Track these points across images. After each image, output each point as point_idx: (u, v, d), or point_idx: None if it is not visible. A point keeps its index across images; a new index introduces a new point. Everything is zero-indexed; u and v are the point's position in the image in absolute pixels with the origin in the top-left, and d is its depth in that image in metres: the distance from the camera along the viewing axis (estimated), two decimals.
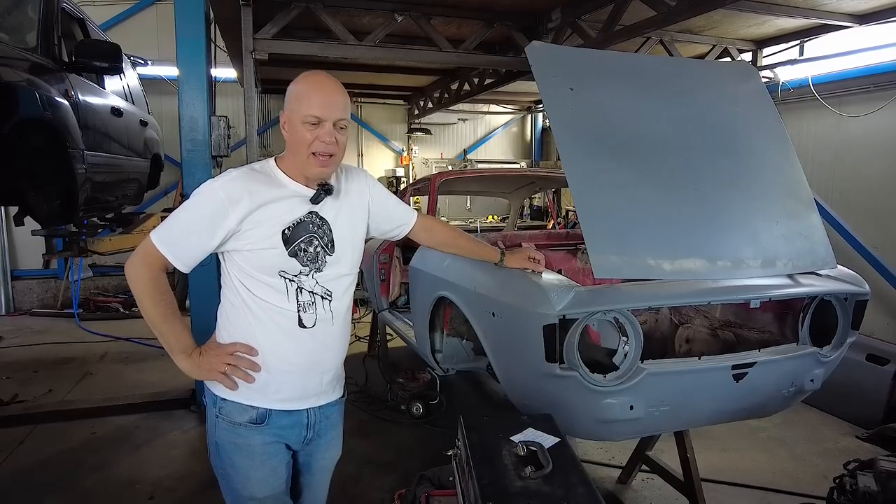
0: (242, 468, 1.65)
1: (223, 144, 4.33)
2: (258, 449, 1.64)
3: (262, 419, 1.63)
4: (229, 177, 1.58)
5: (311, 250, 1.62)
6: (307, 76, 1.61)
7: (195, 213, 1.56)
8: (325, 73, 1.64)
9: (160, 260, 1.56)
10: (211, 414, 1.67)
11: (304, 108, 1.55)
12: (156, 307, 1.57)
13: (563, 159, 2.36)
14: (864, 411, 4.18)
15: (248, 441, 1.63)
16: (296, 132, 1.57)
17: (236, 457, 1.64)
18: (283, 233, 1.58)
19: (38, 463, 3.60)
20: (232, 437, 1.63)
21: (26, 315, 7.76)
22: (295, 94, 1.58)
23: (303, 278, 1.62)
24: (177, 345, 1.60)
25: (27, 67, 2.83)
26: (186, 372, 1.63)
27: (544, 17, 5.37)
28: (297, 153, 1.60)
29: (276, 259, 1.58)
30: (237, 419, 1.62)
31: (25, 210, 2.96)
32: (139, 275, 1.56)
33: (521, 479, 1.65)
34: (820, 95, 5.70)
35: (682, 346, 3.07)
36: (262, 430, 1.63)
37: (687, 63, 4.02)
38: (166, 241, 1.56)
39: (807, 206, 2.68)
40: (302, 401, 1.69)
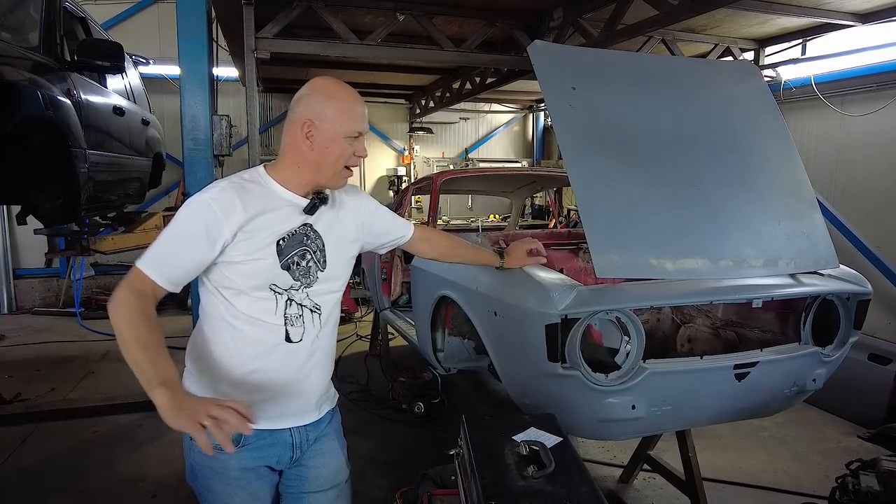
0: (220, 493, 1.55)
1: (225, 143, 4.34)
2: (234, 473, 1.54)
3: (237, 441, 1.47)
4: (218, 188, 1.49)
5: (304, 264, 1.55)
6: (337, 87, 1.55)
7: (186, 229, 1.45)
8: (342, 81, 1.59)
9: (147, 284, 1.43)
10: (186, 437, 1.52)
11: (351, 124, 1.52)
12: (134, 331, 1.37)
13: (564, 158, 2.35)
14: (867, 411, 4.18)
15: (223, 465, 1.52)
16: (334, 146, 1.51)
17: (213, 481, 1.55)
18: (277, 244, 1.50)
19: (41, 462, 3.61)
20: (207, 460, 1.51)
21: (28, 314, 7.78)
22: (337, 109, 1.51)
23: (293, 293, 1.54)
24: (155, 376, 1.33)
25: (29, 66, 2.83)
26: (163, 411, 1.29)
27: (546, 16, 5.36)
28: (322, 167, 1.53)
29: (268, 271, 1.49)
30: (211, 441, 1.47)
31: (28, 209, 2.97)
32: (120, 299, 1.40)
33: (524, 479, 1.65)
34: (822, 95, 5.69)
35: (683, 345, 3.07)
36: (238, 453, 1.49)
37: (689, 62, 4.02)
38: (151, 263, 1.44)
39: (809, 206, 2.67)
40: (284, 419, 1.58)
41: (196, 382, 1.56)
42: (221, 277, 1.51)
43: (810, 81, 5.76)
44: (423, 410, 4.18)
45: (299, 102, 1.54)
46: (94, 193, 3.47)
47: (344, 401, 1.83)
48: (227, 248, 1.47)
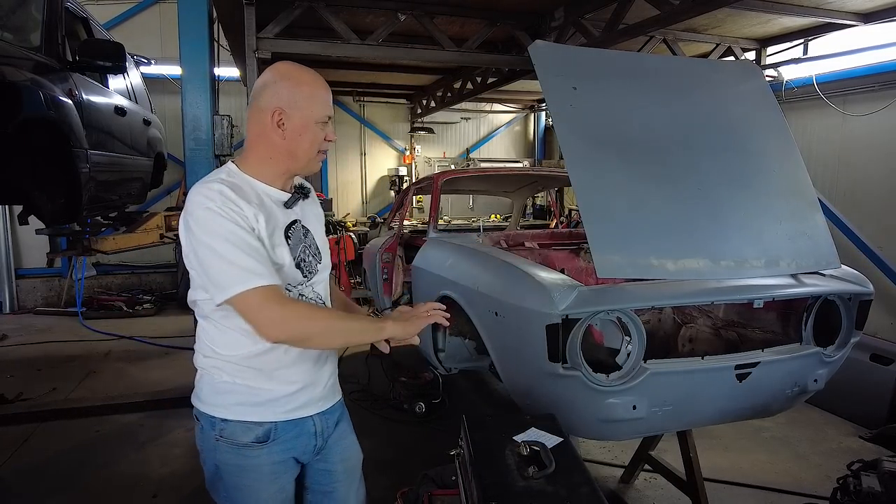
0: (250, 490, 1.54)
1: (226, 143, 4.35)
2: (266, 468, 1.53)
3: (268, 436, 1.51)
4: (217, 192, 1.40)
5: (308, 259, 1.57)
6: (303, 72, 1.52)
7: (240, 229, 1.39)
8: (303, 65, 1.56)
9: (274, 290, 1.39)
10: (208, 437, 1.52)
11: (321, 109, 1.51)
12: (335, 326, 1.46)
13: (566, 158, 2.36)
14: (868, 411, 4.17)
15: (255, 462, 1.52)
16: (308, 133, 1.49)
17: (243, 479, 1.53)
18: (286, 243, 1.50)
19: (43, 461, 3.61)
20: (236, 459, 1.51)
21: (30, 313, 7.79)
22: (306, 95, 1.48)
23: (302, 288, 1.56)
24: (370, 327, 1.52)
25: (31, 67, 2.84)
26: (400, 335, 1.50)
27: (547, 16, 5.36)
28: (296, 155, 1.51)
29: (286, 272, 1.50)
30: (241, 439, 1.50)
31: (30, 209, 2.98)
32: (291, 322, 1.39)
33: (524, 479, 1.65)
34: (824, 94, 5.68)
35: (685, 345, 3.07)
36: (269, 448, 1.52)
37: (690, 62, 4.02)
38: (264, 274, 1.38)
39: (810, 206, 2.67)
40: (307, 408, 1.59)
41: (220, 386, 1.53)
42: None
43: (812, 81, 5.75)
44: (423, 410, 4.19)
45: (265, 90, 1.49)
46: (95, 193, 3.47)
47: (345, 401, 1.83)
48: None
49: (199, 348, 1.58)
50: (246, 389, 1.50)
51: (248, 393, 1.50)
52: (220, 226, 1.37)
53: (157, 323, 7.25)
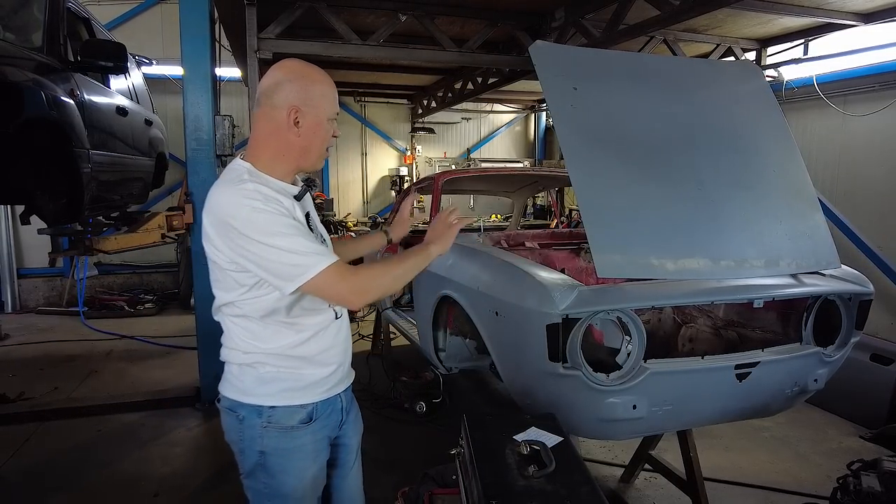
0: (297, 470, 1.62)
1: (227, 143, 4.35)
2: (310, 447, 1.63)
3: (311, 416, 1.62)
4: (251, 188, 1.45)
5: (327, 245, 1.68)
6: (314, 70, 1.56)
7: (288, 220, 1.45)
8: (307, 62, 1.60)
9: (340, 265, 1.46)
10: (254, 425, 1.57)
11: (332, 106, 1.57)
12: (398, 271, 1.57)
13: (566, 158, 2.36)
14: (868, 411, 4.17)
15: (301, 442, 1.61)
16: (320, 130, 1.55)
17: (290, 461, 1.61)
18: (311, 233, 1.57)
19: (44, 460, 3.62)
20: (284, 442, 1.59)
21: (32, 313, 7.81)
22: (320, 93, 1.53)
23: None
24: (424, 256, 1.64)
25: (33, 67, 2.84)
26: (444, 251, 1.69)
27: (548, 17, 5.37)
28: (309, 151, 1.56)
29: None
30: (288, 423, 1.58)
31: (32, 209, 2.99)
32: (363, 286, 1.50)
33: (525, 479, 1.66)
34: (824, 94, 5.68)
35: (685, 345, 3.07)
36: (311, 428, 1.62)
37: (691, 62, 4.02)
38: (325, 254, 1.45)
39: (811, 206, 2.68)
40: (338, 386, 1.70)
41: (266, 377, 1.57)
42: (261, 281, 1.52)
43: (812, 81, 5.75)
44: (424, 410, 4.19)
45: (279, 89, 1.51)
46: (97, 193, 3.48)
47: None
48: None
49: (236, 345, 1.60)
50: (290, 376, 1.58)
51: (293, 379, 1.58)
52: (273, 221, 1.42)
53: (159, 322, 7.27)
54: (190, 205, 4.22)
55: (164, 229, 4.39)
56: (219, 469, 3.53)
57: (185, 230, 4.36)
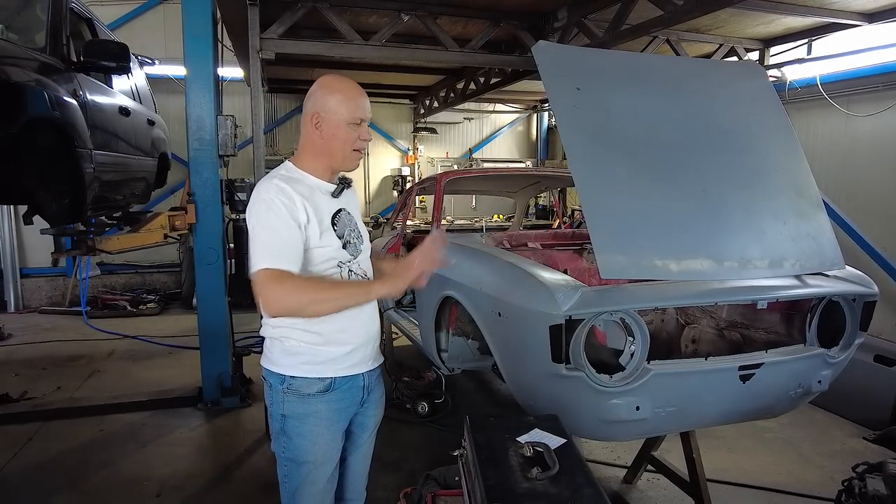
0: (310, 434, 1.79)
1: (230, 143, 4.35)
2: (325, 414, 1.79)
3: (329, 387, 1.78)
4: (273, 185, 1.69)
5: (353, 241, 1.84)
6: (339, 82, 1.78)
7: (276, 221, 1.64)
8: (345, 77, 1.82)
9: (283, 273, 1.62)
10: (276, 392, 1.78)
11: (353, 112, 1.75)
12: (324, 291, 1.67)
13: (569, 159, 2.36)
14: (872, 413, 4.15)
15: (317, 408, 1.78)
16: (340, 133, 1.75)
17: (305, 425, 1.78)
18: (333, 226, 1.77)
19: (47, 460, 3.63)
20: (302, 407, 1.77)
21: (35, 313, 7.83)
22: (338, 100, 1.74)
23: (350, 265, 1.83)
24: (361, 289, 1.74)
25: (36, 67, 2.84)
26: (393, 293, 1.73)
27: (550, 17, 5.36)
28: (333, 152, 1.78)
29: (335, 252, 1.77)
30: (306, 391, 1.77)
31: (34, 209, 2.98)
32: (284, 299, 1.62)
33: (528, 480, 1.65)
34: (828, 95, 5.66)
35: (688, 346, 3.07)
36: (328, 397, 1.79)
37: (694, 63, 4.01)
38: (277, 256, 1.62)
39: (814, 206, 2.66)
40: (360, 366, 1.86)
41: (289, 349, 1.77)
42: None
43: (816, 81, 5.74)
44: (427, 410, 4.19)
45: (308, 99, 1.78)
46: (99, 193, 3.48)
47: None
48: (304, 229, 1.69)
49: (268, 320, 1.80)
50: (310, 350, 1.76)
51: (312, 353, 1.77)
52: (265, 213, 1.66)
53: (161, 322, 7.28)
54: (192, 205, 4.22)
55: (166, 229, 4.39)
56: (221, 469, 3.53)
57: (188, 230, 4.36)
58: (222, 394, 4.37)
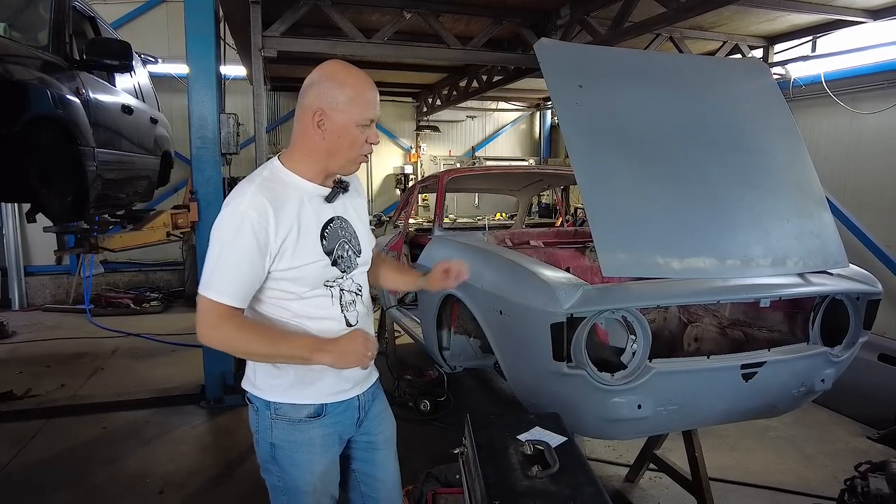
0: (305, 463, 1.62)
1: (232, 142, 4.35)
2: (318, 441, 1.63)
3: (319, 412, 1.61)
4: (249, 194, 1.46)
5: (346, 255, 1.61)
6: (348, 72, 1.52)
7: (241, 247, 1.44)
8: (351, 65, 1.55)
9: (223, 308, 1.46)
10: (264, 418, 1.61)
11: (363, 112, 1.50)
12: (260, 343, 1.49)
13: (571, 157, 2.35)
14: (876, 411, 4.14)
15: (308, 435, 1.61)
16: (347, 134, 1.51)
17: (298, 454, 1.61)
18: (321, 244, 1.54)
19: (51, 457, 3.64)
20: (292, 434, 1.60)
21: (39, 310, 7.85)
22: (348, 97, 1.48)
23: (341, 282, 1.61)
24: (305, 349, 1.49)
25: (39, 66, 2.85)
26: (336, 365, 1.51)
27: (553, 14, 5.34)
28: (335, 155, 1.53)
29: (321, 271, 1.55)
30: (296, 416, 1.60)
31: (37, 207, 2.99)
32: (221, 336, 1.47)
33: (528, 479, 1.65)
34: (832, 92, 5.63)
35: (690, 344, 3.06)
36: (321, 423, 1.62)
37: (697, 60, 3.99)
38: (226, 290, 1.45)
39: (818, 205, 2.65)
40: (353, 389, 1.68)
41: (273, 371, 1.59)
42: (276, 288, 1.54)
43: (820, 79, 5.71)
44: (429, 408, 4.19)
45: (310, 89, 1.51)
46: (102, 191, 3.49)
47: None
48: (276, 258, 1.49)
49: None
50: (296, 374, 1.58)
51: (299, 377, 1.58)
52: (229, 234, 1.45)
53: (164, 320, 7.29)
54: (195, 203, 4.23)
55: (169, 227, 4.40)
56: (223, 466, 3.54)
57: (190, 228, 4.37)
58: (225, 392, 4.38)
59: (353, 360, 1.48)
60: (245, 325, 1.50)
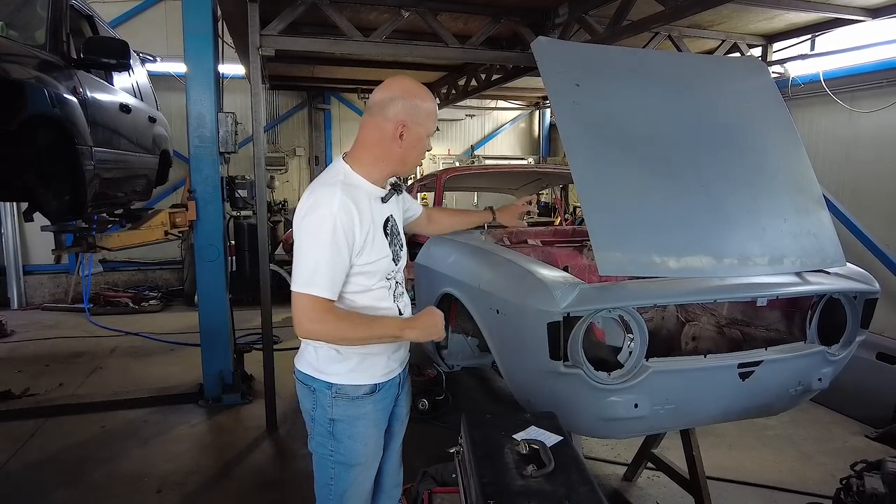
0: (362, 435, 1.83)
1: (231, 141, 4.35)
2: (373, 416, 1.84)
3: (374, 389, 1.83)
4: (338, 198, 1.63)
5: (398, 250, 1.84)
6: (425, 91, 1.76)
7: (332, 244, 1.61)
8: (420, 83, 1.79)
9: (328, 303, 1.64)
10: (324, 397, 1.79)
11: (433, 125, 1.77)
12: (357, 331, 1.68)
13: (568, 156, 2.34)
14: (874, 410, 4.14)
15: (366, 409, 1.81)
16: (420, 144, 1.76)
17: (355, 427, 1.81)
18: (385, 239, 1.76)
19: (49, 456, 3.65)
20: (352, 410, 1.80)
21: (38, 310, 7.86)
22: (428, 113, 1.74)
23: (395, 274, 1.86)
24: (395, 328, 1.75)
25: (36, 64, 2.84)
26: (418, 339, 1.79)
27: (551, 13, 5.33)
28: (406, 162, 1.77)
29: (387, 265, 1.78)
30: (354, 394, 1.79)
31: (35, 206, 2.99)
32: (323, 329, 1.65)
33: (523, 478, 1.65)
34: (831, 91, 5.62)
35: (687, 343, 3.06)
36: (374, 398, 1.83)
37: (695, 59, 3.99)
38: (327, 287, 1.62)
39: (816, 203, 2.65)
40: (396, 370, 1.93)
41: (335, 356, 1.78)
42: (350, 286, 1.73)
43: (819, 77, 5.70)
44: (426, 407, 4.19)
45: (393, 104, 1.71)
46: (100, 190, 3.48)
47: None
48: (358, 254, 1.68)
49: None
50: (354, 359, 1.78)
51: (356, 361, 1.79)
52: (322, 232, 1.61)
53: (163, 319, 7.30)
54: (193, 202, 4.22)
55: (167, 226, 4.40)
56: (222, 465, 3.54)
57: (189, 227, 4.37)
58: (223, 390, 4.39)
59: (434, 332, 1.75)
60: (343, 315, 1.69)
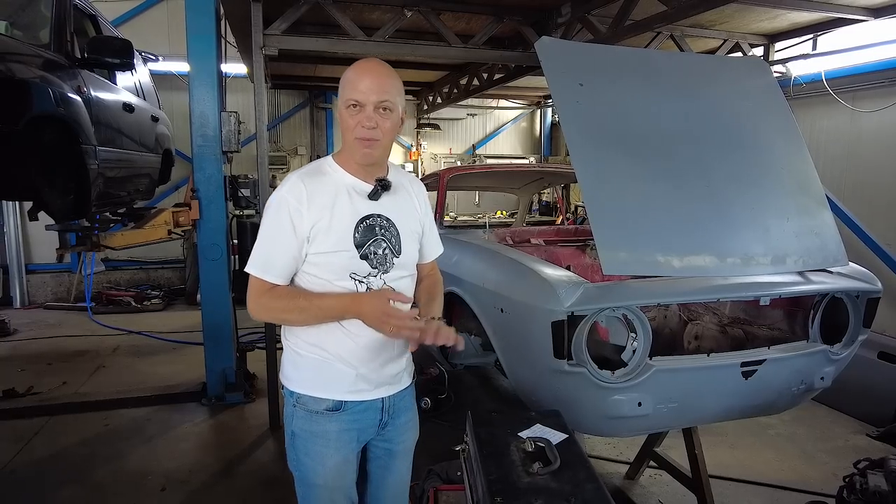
0: (318, 456, 1.66)
1: (233, 140, 4.36)
2: (333, 436, 1.66)
3: (339, 406, 1.65)
4: (291, 182, 1.59)
5: (381, 252, 1.63)
6: (354, 65, 1.63)
7: (275, 225, 1.57)
8: (377, 59, 1.65)
9: (264, 284, 1.59)
10: (288, 405, 1.70)
11: (346, 93, 1.57)
12: (300, 312, 1.58)
13: (572, 155, 2.35)
14: (876, 409, 4.15)
15: (324, 428, 1.65)
16: (342, 118, 1.59)
17: (312, 445, 1.66)
18: (353, 235, 1.59)
19: (53, 454, 3.66)
20: (309, 425, 1.66)
21: (41, 308, 7.87)
22: (342, 83, 1.60)
23: (371, 279, 1.62)
24: (344, 298, 1.57)
25: (40, 64, 2.85)
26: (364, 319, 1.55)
27: (554, 12, 5.33)
28: (345, 141, 1.62)
29: (347, 262, 1.59)
30: (314, 408, 1.65)
31: (39, 205, 3.00)
32: (261, 307, 1.60)
33: (529, 475, 1.66)
34: (833, 90, 5.62)
35: (690, 342, 3.07)
36: (338, 417, 1.65)
37: (698, 58, 3.99)
38: (260, 265, 1.58)
39: (818, 203, 2.66)
40: (376, 391, 1.69)
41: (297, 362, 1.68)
42: (308, 276, 1.62)
43: (821, 77, 5.70)
44: (430, 406, 4.19)
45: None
46: (104, 189, 3.49)
47: None
48: (309, 241, 1.57)
49: (285, 328, 1.72)
50: (315, 366, 1.65)
51: (317, 369, 1.65)
52: (270, 215, 1.58)
53: (166, 318, 7.31)
54: (196, 201, 4.23)
55: (170, 225, 4.41)
56: (225, 464, 3.55)
57: (192, 226, 4.38)
58: (226, 389, 4.40)
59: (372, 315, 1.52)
60: (281, 293, 1.59)
